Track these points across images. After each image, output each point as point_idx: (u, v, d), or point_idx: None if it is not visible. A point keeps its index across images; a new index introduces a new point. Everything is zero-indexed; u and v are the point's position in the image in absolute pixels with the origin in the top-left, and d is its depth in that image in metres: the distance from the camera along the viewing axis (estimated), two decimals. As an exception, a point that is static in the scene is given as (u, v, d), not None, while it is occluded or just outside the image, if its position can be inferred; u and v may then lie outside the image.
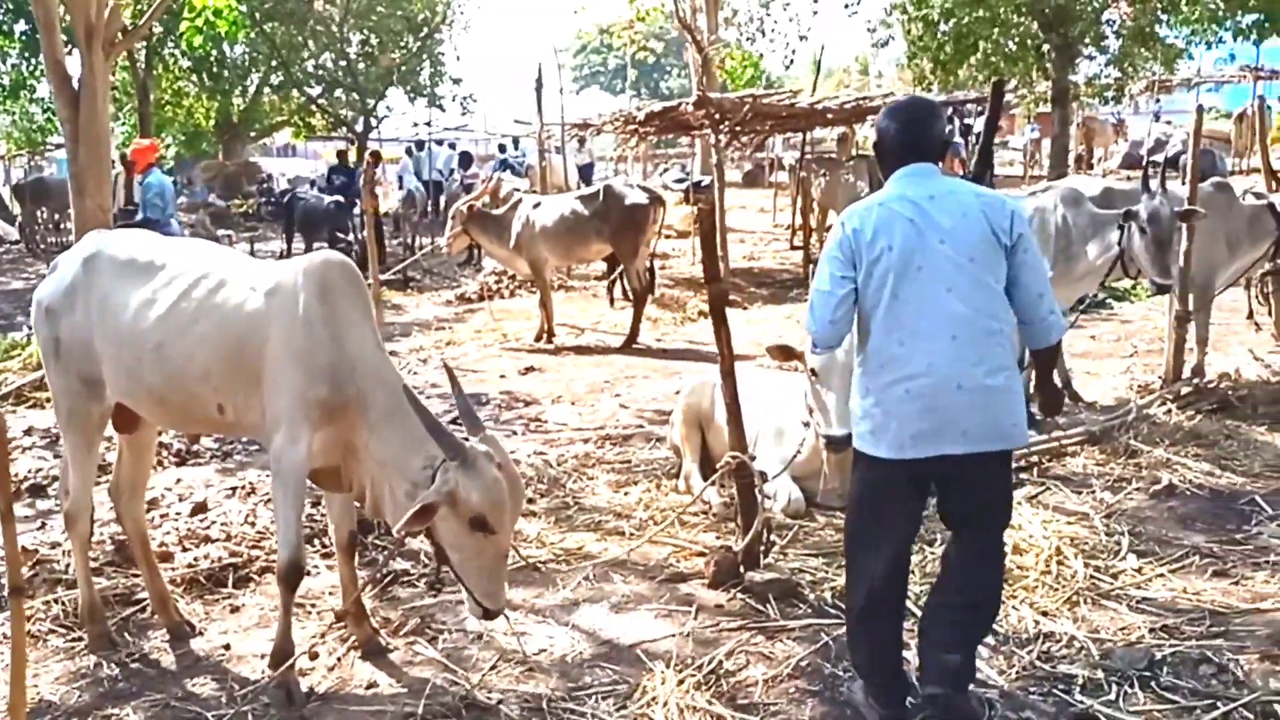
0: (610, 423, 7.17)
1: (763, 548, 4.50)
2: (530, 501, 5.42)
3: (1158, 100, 27.27)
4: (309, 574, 4.30)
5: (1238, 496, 5.22)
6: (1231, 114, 22.40)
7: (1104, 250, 6.15)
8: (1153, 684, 3.52)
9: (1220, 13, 15.02)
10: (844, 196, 13.75)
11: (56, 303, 4.02)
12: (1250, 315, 8.63)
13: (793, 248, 15.65)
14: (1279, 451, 5.79)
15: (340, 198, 15.80)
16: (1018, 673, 3.66)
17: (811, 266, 14.08)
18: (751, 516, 4.43)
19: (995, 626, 3.69)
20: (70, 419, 4.05)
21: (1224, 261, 7.07)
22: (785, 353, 4.86)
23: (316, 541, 4.92)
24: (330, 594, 4.41)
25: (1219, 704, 3.37)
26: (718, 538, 4.93)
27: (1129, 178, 19.10)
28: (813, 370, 4.64)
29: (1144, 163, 9.38)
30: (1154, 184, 5.98)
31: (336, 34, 29.65)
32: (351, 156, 23.46)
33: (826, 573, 4.46)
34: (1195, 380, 6.86)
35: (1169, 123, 27.76)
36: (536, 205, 10.27)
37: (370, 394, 3.60)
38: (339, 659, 3.94)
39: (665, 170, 26.56)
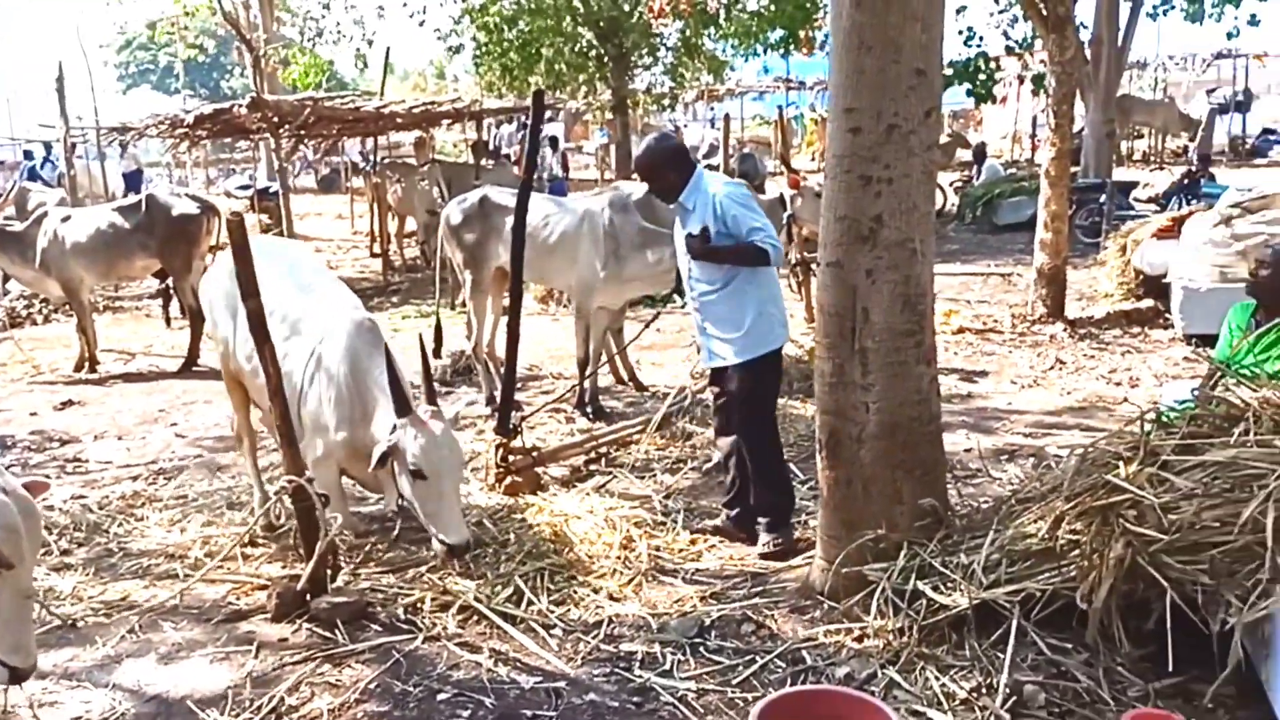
0: (164, 455, 6.56)
1: (329, 571, 4.29)
2: (65, 553, 4.86)
3: (711, 108, 29.87)
4: None
5: (776, 464, 5.75)
6: (772, 120, 25.03)
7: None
8: (702, 649, 3.76)
9: (753, 29, 16.68)
10: (420, 202, 13.70)
11: None
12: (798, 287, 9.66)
13: (372, 255, 15.30)
14: (810, 423, 6.48)
15: None
16: (584, 658, 3.76)
17: (392, 274, 13.91)
18: (314, 541, 4.19)
19: (569, 616, 3.99)
20: None
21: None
22: None
23: None
24: None
25: (757, 658, 3.67)
26: (283, 567, 4.64)
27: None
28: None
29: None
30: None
31: None
32: None
33: (401, 588, 4.34)
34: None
35: (719, 129, 30.52)
36: (66, 219, 9.16)
37: None
38: None
39: (229, 177, 24.90)
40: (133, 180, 20.57)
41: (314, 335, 4.61)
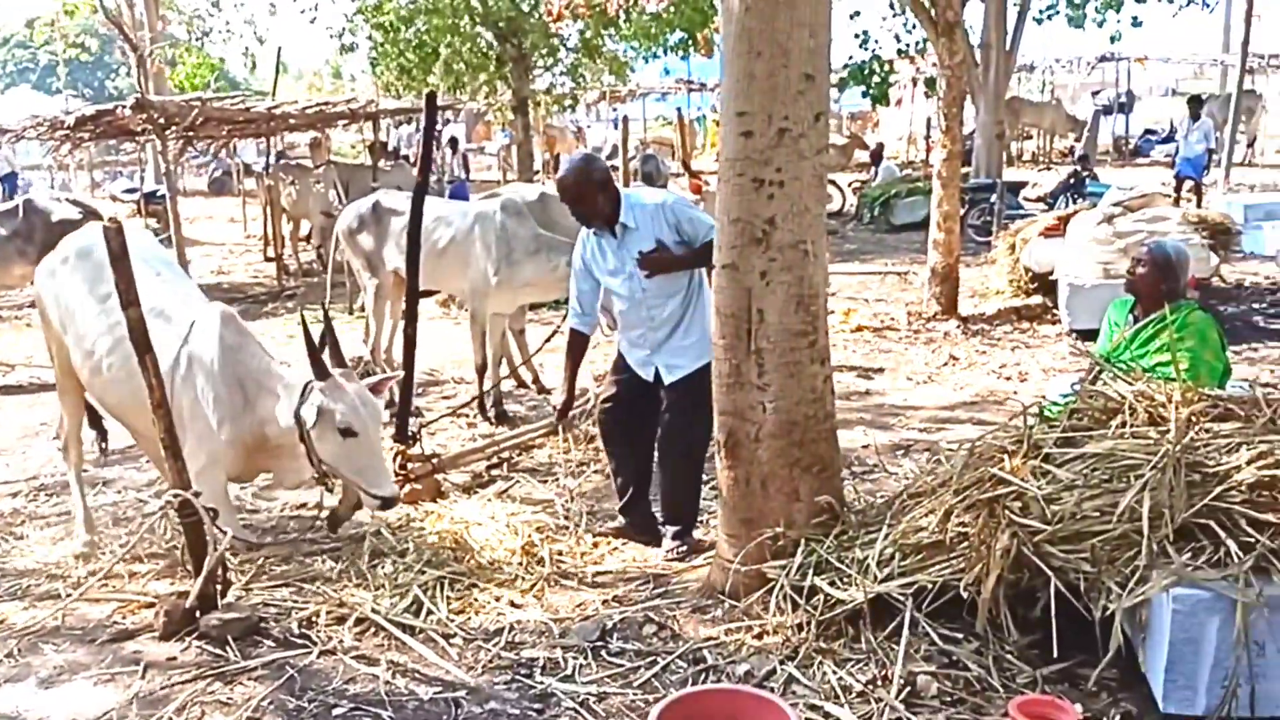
0: (45, 471, 6.29)
1: (219, 586, 4.16)
2: (-66, 578, 4.62)
3: (614, 109, 29.92)
4: None
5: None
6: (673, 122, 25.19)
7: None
8: (604, 652, 3.76)
9: (653, 30, 16.77)
10: (315, 205, 13.42)
11: None
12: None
13: (266, 259, 14.92)
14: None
15: None
16: (484, 666, 3.72)
17: (287, 278, 13.58)
18: (202, 556, 4.07)
19: (469, 625, 3.96)
20: None
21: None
22: None
23: None
24: None
25: (658, 659, 3.68)
26: (172, 584, 4.49)
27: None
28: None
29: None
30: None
31: None
32: None
33: (295, 602, 4.23)
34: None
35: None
36: (-63, 225, 8.77)
37: None
38: None
39: (115, 180, 24.05)
40: (8, 182, 19.74)
41: (175, 336, 4.45)
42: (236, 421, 4.38)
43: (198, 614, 4.01)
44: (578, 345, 4.74)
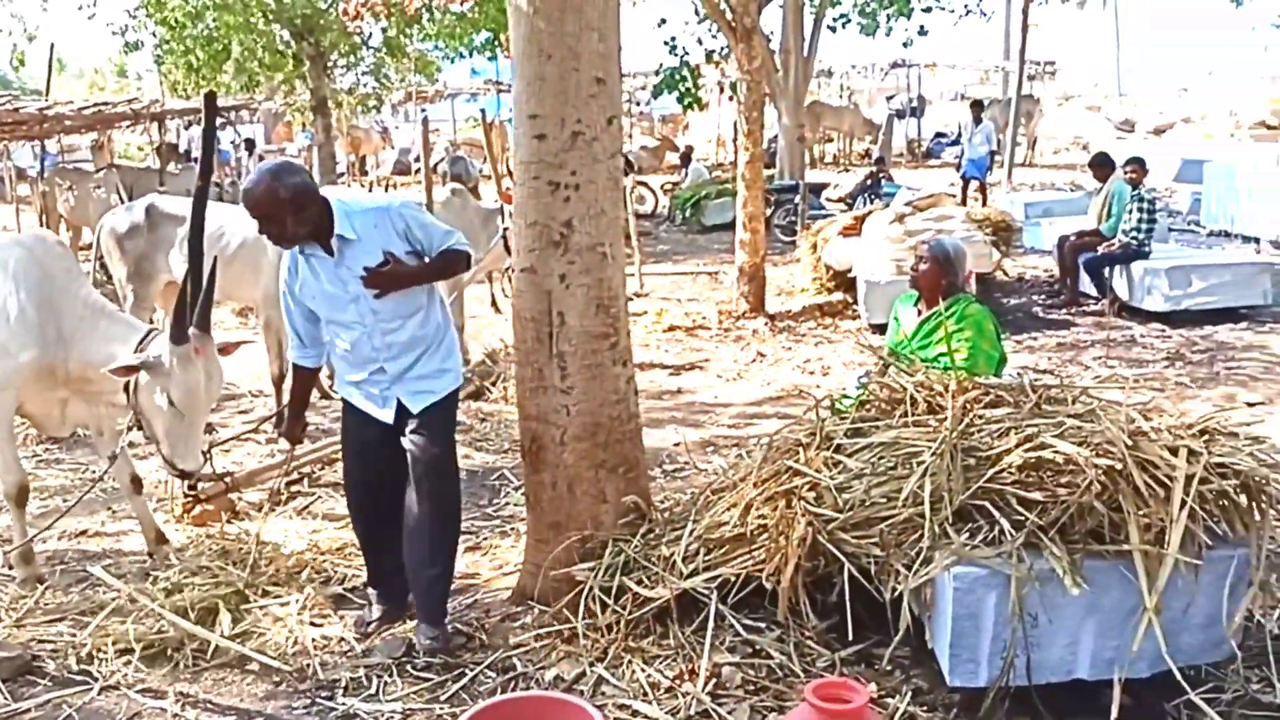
0: None
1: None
2: None
3: (422, 109, 29.32)
4: None
5: (490, 473, 5.72)
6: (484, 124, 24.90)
7: None
8: (409, 668, 3.66)
9: (458, 30, 16.53)
10: (96, 211, 12.56)
11: None
12: (494, 304, 9.71)
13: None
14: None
15: None
16: (282, 691, 3.57)
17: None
18: (-35, 594, 3.75)
19: (266, 647, 3.81)
20: None
21: None
22: None
23: None
24: None
25: (466, 671, 3.62)
26: (-67, 625, 4.11)
27: (395, 185, 20.23)
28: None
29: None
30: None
31: None
32: None
33: (73, 636, 3.94)
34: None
35: (436, 130, 30.06)
36: None
37: None
38: None
39: None
40: None
41: None
42: (44, 349, 4.25)
43: (-39, 657, 3.70)
44: (305, 380, 4.01)
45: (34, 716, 3.48)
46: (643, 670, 3.50)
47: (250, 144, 19.17)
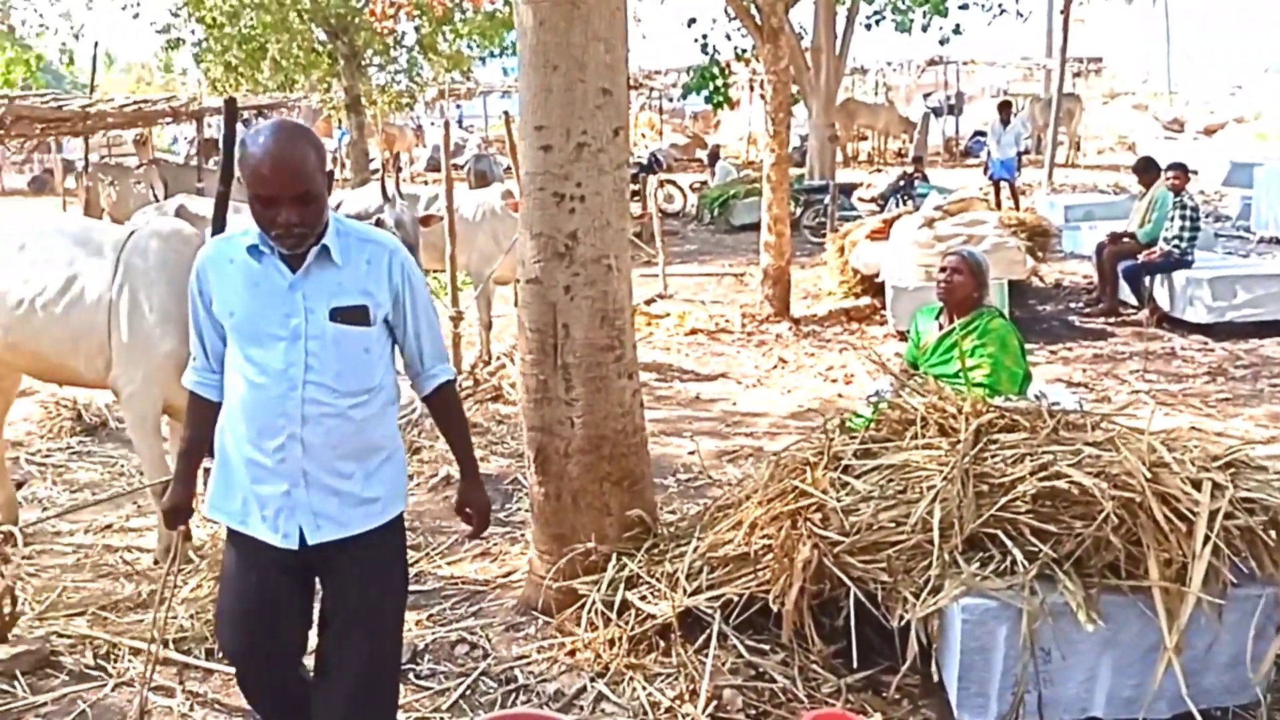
0: None
1: (9, 617, 3.88)
2: None
3: (459, 107, 29.45)
4: None
5: (504, 478, 5.69)
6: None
7: None
8: (412, 674, 3.64)
9: (488, 29, 16.56)
10: (135, 206, 12.72)
11: None
12: (517, 303, 9.64)
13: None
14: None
15: None
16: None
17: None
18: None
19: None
20: None
21: (494, 255, 7.82)
22: None
23: None
24: None
25: (467, 679, 3.58)
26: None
27: (427, 181, 20.29)
28: None
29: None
30: (391, 191, 6.29)
31: None
32: None
33: (88, 631, 3.98)
34: (475, 369, 7.42)
35: (469, 129, 30.19)
36: None
37: None
38: None
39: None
40: None
41: (110, 249, 4.39)
42: (182, 341, 3.81)
43: (-14, 646, 3.77)
44: (202, 414, 2.74)
45: (50, 710, 3.51)
46: (643, 688, 3.44)
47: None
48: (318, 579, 2.72)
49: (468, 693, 3.54)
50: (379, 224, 6.11)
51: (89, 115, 12.30)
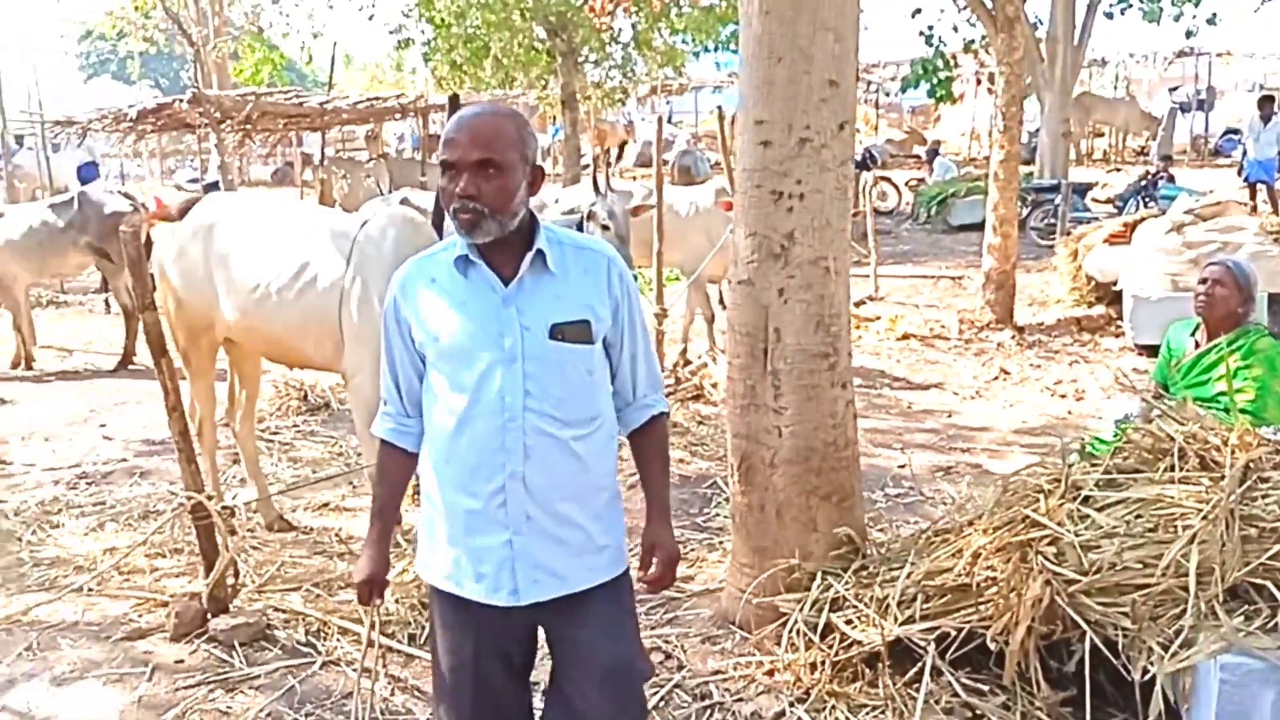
0: (89, 459, 6.32)
1: (231, 588, 4.08)
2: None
3: (668, 103, 29.59)
4: None
5: (704, 480, 5.56)
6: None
7: None
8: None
9: (704, 23, 16.50)
10: (365, 198, 13.45)
11: None
12: (721, 301, 9.48)
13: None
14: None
15: None
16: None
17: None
18: (213, 558, 4.00)
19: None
20: None
21: (705, 251, 7.70)
22: None
23: None
24: None
25: (661, 688, 3.49)
26: (190, 582, 4.42)
27: (635, 177, 20.47)
28: None
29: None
30: (603, 185, 6.25)
31: None
32: None
33: (301, 607, 4.13)
34: (676, 368, 7.35)
35: (678, 124, 30.32)
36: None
37: None
38: None
39: (180, 169, 24.53)
40: (87, 172, 20.24)
41: (346, 234, 4.54)
42: None
43: (208, 616, 3.99)
44: (396, 472, 2.44)
45: (262, 683, 3.65)
46: (848, 718, 3.24)
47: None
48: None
49: (661, 704, 3.44)
50: (590, 215, 6.11)
51: (325, 111, 13.11)
